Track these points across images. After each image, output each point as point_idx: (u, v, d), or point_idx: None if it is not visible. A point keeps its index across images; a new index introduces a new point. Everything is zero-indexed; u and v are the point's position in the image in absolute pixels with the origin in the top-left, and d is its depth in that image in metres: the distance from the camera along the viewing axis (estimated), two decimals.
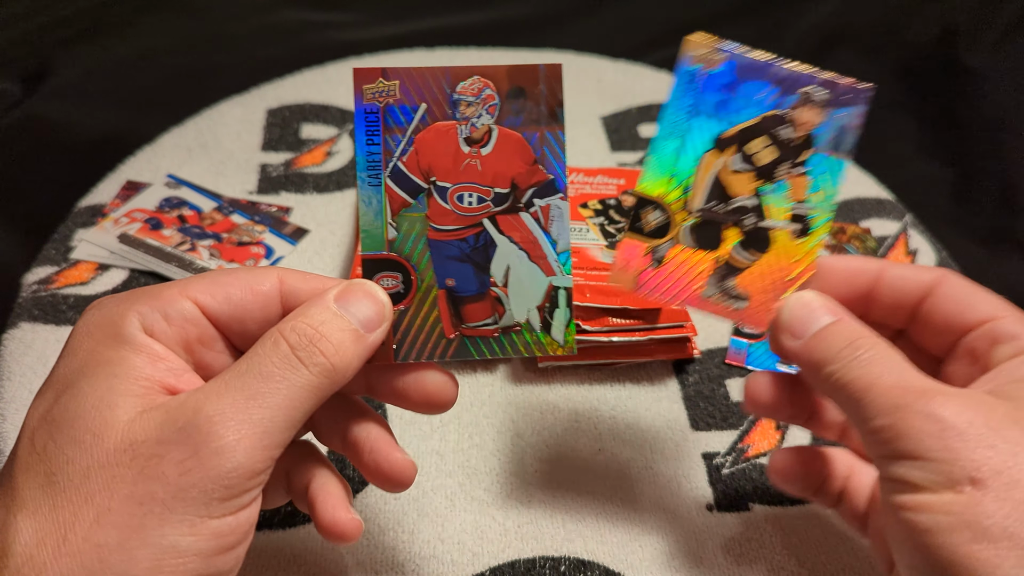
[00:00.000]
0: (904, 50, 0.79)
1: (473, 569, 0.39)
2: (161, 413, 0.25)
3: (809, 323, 0.30)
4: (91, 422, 0.25)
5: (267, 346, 0.27)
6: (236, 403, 0.25)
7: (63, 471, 0.24)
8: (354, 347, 0.28)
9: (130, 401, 0.25)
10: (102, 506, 0.24)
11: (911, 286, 0.32)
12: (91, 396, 0.25)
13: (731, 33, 0.90)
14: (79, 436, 0.25)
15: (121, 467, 0.24)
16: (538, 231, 0.31)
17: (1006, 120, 0.70)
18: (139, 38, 0.75)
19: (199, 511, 0.24)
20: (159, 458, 0.24)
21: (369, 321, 0.28)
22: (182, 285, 0.29)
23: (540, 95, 0.30)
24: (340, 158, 0.62)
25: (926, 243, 0.59)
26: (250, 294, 0.29)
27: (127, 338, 0.27)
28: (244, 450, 0.25)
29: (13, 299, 0.50)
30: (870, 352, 0.28)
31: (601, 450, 0.44)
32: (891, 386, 0.27)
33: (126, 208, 0.55)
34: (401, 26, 0.78)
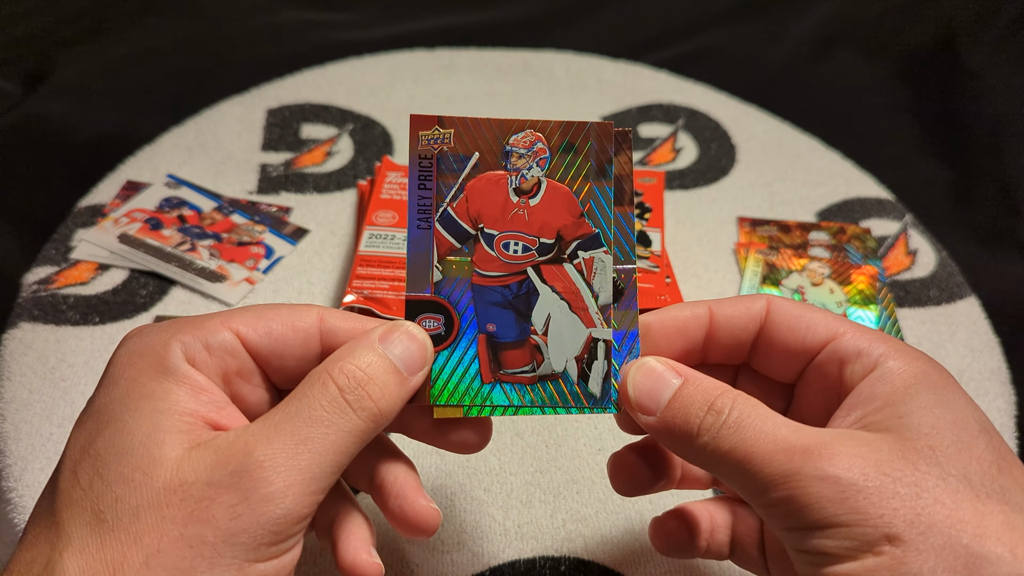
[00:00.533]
0: (904, 50, 0.79)
1: (473, 569, 0.39)
2: (210, 453, 0.25)
3: (658, 393, 0.28)
4: (139, 459, 0.25)
5: (316, 388, 0.27)
6: (286, 448, 0.25)
7: (112, 509, 0.24)
8: (398, 390, 0.28)
9: (177, 437, 0.25)
10: (152, 547, 0.24)
11: (743, 322, 0.30)
12: (137, 432, 0.25)
13: (731, 33, 0.90)
14: (128, 473, 0.24)
15: (171, 508, 0.24)
16: (581, 283, 0.31)
17: (1006, 120, 0.70)
18: (139, 38, 0.75)
19: (247, 555, 0.24)
20: (209, 501, 0.24)
21: (412, 363, 0.28)
22: (224, 316, 0.28)
23: (590, 151, 0.31)
24: (340, 158, 0.62)
25: (926, 243, 0.59)
26: (291, 330, 0.29)
27: (170, 369, 0.27)
28: (293, 496, 0.25)
29: (13, 299, 0.50)
30: (734, 414, 0.26)
31: (601, 450, 0.44)
32: (771, 452, 0.25)
33: (126, 208, 0.55)
34: (401, 26, 0.78)
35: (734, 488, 0.27)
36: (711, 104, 0.70)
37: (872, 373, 0.27)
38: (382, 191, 0.53)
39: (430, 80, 0.70)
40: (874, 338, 0.28)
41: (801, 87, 0.75)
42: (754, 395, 0.27)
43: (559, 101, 0.69)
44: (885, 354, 0.27)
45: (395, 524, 0.30)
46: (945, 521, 0.23)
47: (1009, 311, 0.54)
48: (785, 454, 0.25)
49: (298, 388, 0.27)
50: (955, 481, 0.24)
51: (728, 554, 0.33)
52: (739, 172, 0.63)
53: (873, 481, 0.24)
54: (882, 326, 0.51)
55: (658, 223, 0.51)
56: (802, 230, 0.58)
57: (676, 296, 0.49)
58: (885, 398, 0.26)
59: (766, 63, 0.77)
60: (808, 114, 0.69)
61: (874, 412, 0.26)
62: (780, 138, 0.67)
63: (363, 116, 0.66)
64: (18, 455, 0.42)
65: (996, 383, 0.49)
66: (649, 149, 0.65)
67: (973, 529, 0.23)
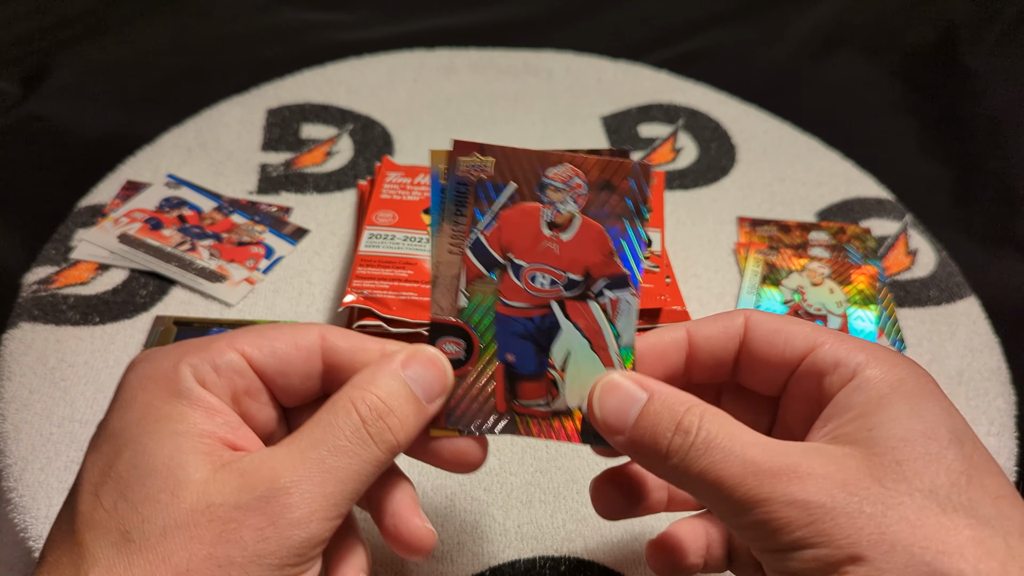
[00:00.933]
0: (904, 50, 0.79)
1: (473, 569, 0.39)
2: (236, 475, 0.26)
3: (625, 411, 0.28)
4: (164, 480, 0.25)
5: (339, 416, 0.27)
6: (312, 476, 0.26)
7: (139, 529, 0.24)
8: (416, 419, 0.28)
9: (199, 459, 0.26)
10: (181, 566, 0.24)
11: (721, 342, 0.31)
12: (159, 453, 0.26)
13: (731, 33, 0.90)
14: (153, 494, 0.25)
15: (200, 528, 0.24)
16: (604, 322, 0.31)
17: (1006, 120, 0.70)
18: (139, 38, 0.75)
19: (272, 575, 0.25)
20: (237, 523, 0.25)
21: (431, 391, 0.29)
22: (229, 338, 0.29)
23: (628, 190, 0.30)
24: (340, 158, 0.62)
25: (926, 243, 0.59)
26: (294, 348, 0.29)
27: (183, 391, 0.27)
28: (317, 522, 0.26)
29: (13, 299, 0.50)
30: (702, 434, 0.26)
31: None
32: (741, 475, 0.25)
33: (126, 208, 0.55)
34: (401, 26, 0.78)
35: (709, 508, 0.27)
36: (711, 104, 0.70)
37: (850, 383, 0.27)
38: (382, 191, 0.53)
39: (430, 80, 0.70)
40: (853, 347, 0.28)
41: (801, 87, 0.75)
42: (739, 410, 0.28)
43: (559, 101, 0.69)
44: (863, 363, 0.28)
45: (390, 542, 0.30)
46: (909, 539, 0.23)
47: (1009, 311, 0.54)
48: (755, 478, 0.25)
49: (321, 414, 0.27)
50: (921, 497, 0.24)
51: (727, 566, 0.33)
52: (739, 172, 0.63)
53: (840, 502, 0.24)
54: (882, 326, 0.51)
55: (658, 223, 0.51)
56: (802, 230, 0.58)
57: (676, 296, 0.49)
58: (859, 409, 0.27)
59: (766, 63, 0.77)
60: (808, 114, 0.69)
61: (846, 423, 0.27)
62: (780, 138, 0.67)
63: (363, 116, 0.66)
64: (18, 455, 0.42)
65: (996, 383, 0.49)
66: (649, 149, 0.65)
67: (937, 546, 0.23)
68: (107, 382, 0.45)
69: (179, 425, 0.26)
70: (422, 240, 0.49)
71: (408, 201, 0.52)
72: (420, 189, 0.53)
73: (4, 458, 0.42)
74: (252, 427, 0.29)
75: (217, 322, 0.49)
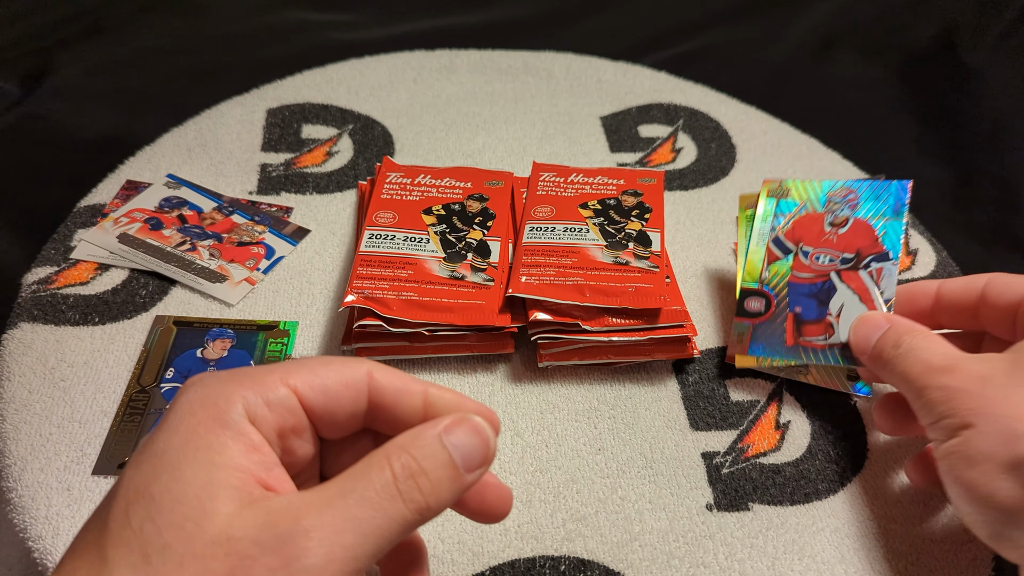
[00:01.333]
0: (904, 50, 0.79)
1: (473, 569, 0.39)
2: (262, 513, 0.26)
3: (868, 335, 0.41)
4: (192, 510, 0.25)
5: (372, 470, 0.27)
6: (334, 523, 0.26)
7: (159, 554, 0.25)
8: (451, 485, 0.28)
9: (230, 492, 0.26)
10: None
11: (961, 294, 0.42)
12: (193, 482, 0.26)
13: (731, 33, 0.90)
14: (179, 522, 0.25)
15: (215, 560, 0.25)
16: (871, 284, 0.45)
17: (1006, 120, 0.70)
18: (139, 38, 0.75)
19: None
20: (252, 560, 0.25)
21: (471, 460, 0.29)
22: (283, 372, 0.29)
23: (890, 199, 0.48)
24: (340, 158, 0.62)
25: (926, 243, 0.59)
26: (343, 387, 0.29)
27: (230, 424, 0.27)
28: (332, 572, 0.25)
29: (13, 299, 0.50)
30: (905, 346, 0.38)
31: (601, 450, 0.44)
32: (919, 372, 0.37)
33: (126, 208, 0.55)
34: (401, 26, 0.78)
35: (907, 399, 0.39)
36: (711, 104, 0.70)
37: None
38: (382, 191, 0.53)
39: (430, 80, 0.70)
40: None
41: (801, 87, 0.75)
42: (993, 351, 0.37)
43: (559, 101, 0.69)
44: None
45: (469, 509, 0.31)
46: (1009, 414, 0.33)
47: None
48: (928, 374, 0.37)
49: (357, 466, 0.28)
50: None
51: None
52: (739, 172, 0.63)
53: (970, 387, 0.35)
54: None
55: (658, 223, 0.51)
56: None
57: (676, 296, 0.49)
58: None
59: (766, 63, 0.77)
60: (808, 114, 0.69)
61: (1022, 343, 0.37)
62: (780, 138, 0.67)
63: (363, 116, 0.66)
64: (18, 455, 0.42)
65: None
66: (649, 149, 0.65)
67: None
68: (107, 382, 0.45)
69: (218, 456, 0.26)
70: (422, 240, 0.49)
71: (408, 201, 0.52)
72: (420, 189, 0.53)
73: (4, 458, 0.42)
74: (291, 461, 0.29)
75: (217, 322, 0.49)
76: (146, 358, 0.46)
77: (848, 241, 0.46)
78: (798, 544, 0.41)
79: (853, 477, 0.44)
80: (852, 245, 0.46)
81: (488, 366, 0.48)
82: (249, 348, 0.47)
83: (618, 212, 0.52)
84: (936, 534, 0.42)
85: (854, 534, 0.41)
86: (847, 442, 0.45)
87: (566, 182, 0.54)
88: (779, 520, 0.42)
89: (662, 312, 0.46)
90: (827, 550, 0.41)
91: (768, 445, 0.45)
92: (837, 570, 0.40)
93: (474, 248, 0.49)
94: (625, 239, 0.50)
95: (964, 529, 0.42)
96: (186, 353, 0.47)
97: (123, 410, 0.44)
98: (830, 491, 0.43)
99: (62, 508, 0.40)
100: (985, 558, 0.41)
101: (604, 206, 0.52)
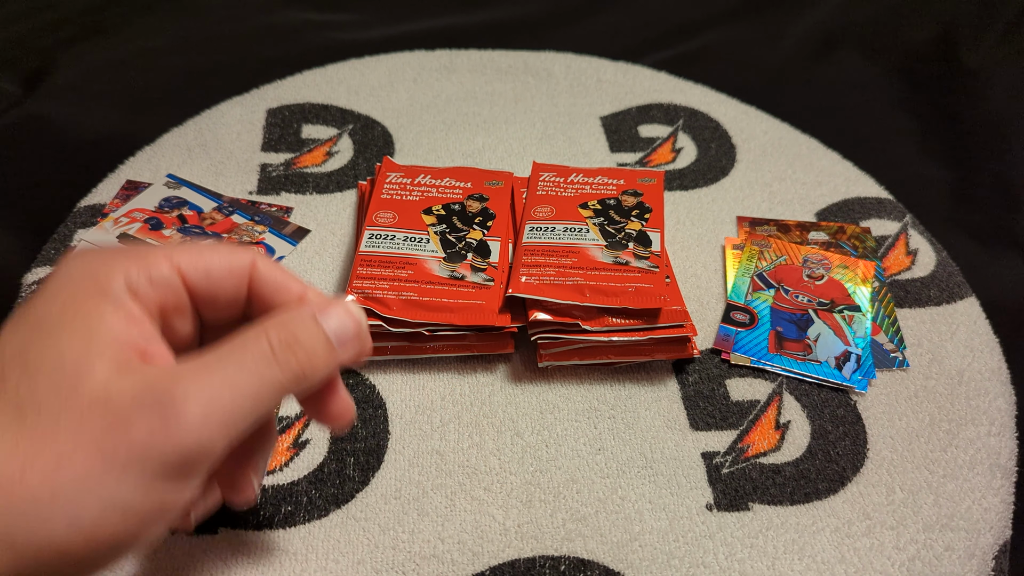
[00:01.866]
0: (904, 50, 0.79)
1: (473, 569, 0.39)
2: (140, 379, 0.26)
3: None
4: (69, 375, 0.26)
5: (249, 340, 0.28)
6: (211, 386, 0.26)
7: (36, 413, 0.25)
8: (325, 358, 0.30)
9: (108, 359, 0.26)
10: (65, 450, 0.24)
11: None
12: (71, 349, 0.26)
13: (731, 33, 0.90)
14: (56, 385, 0.25)
15: (92, 419, 0.25)
16: (844, 324, 0.51)
17: (1006, 120, 0.70)
18: (139, 38, 0.75)
19: (154, 477, 0.25)
20: (129, 420, 0.25)
21: (344, 335, 0.30)
22: (167, 252, 0.30)
23: (860, 270, 0.54)
24: (340, 158, 0.62)
25: (926, 243, 0.59)
26: (227, 272, 0.30)
27: (110, 295, 0.28)
28: (208, 431, 0.26)
29: (13, 299, 0.50)
30: None
31: (601, 450, 0.44)
32: None
33: (126, 208, 0.55)
34: (401, 26, 0.78)
35: None
36: (711, 104, 0.70)
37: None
38: (382, 191, 0.53)
39: (430, 80, 0.70)
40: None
41: (801, 87, 0.75)
42: None
43: (559, 101, 0.69)
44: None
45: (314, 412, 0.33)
46: None
47: (1009, 311, 0.54)
48: None
49: (234, 338, 0.28)
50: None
51: None
52: (739, 172, 0.63)
53: None
54: (880, 324, 0.51)
55: (658, 223, 0.51)
56: (801, 230, 0.58)
57: (676, 296, 0.49)
58: None
59: (766, 63, 0.77)
60: (808, 114, 0.69)
61: None
62: (780, 138, 0.67)
63: (363, 116, 0.66)
64: None
65: (996, 383, 0.49)
66: (649, 149, 0.65)
67: None
68: None
69: (97, 325, 0.27)
70: (422, 240, 0.49)
71: (408, 201, 0.52)
72: (420, 189, 0.53)
73: None
74: (170, 340, 0.30)
75: None
76: None
77: (823, 291, 0.53)
78: (798, 544, 0.41)
79: (853, 477, 0.44)
80: (827, 294, 0.52)
81: (488, 366, 0.48)
82: None
83: (618, 212, 0.52)
84: (936, 534, 0.42)
85: (854, 534, 0.41)
86: (847, 442, 0.45)
87: (566, 182, 0.54)
88: (779, 520, 0.42)
89: (662, 312, 0.46)
90: (827, 550, 0.41)
91: (768, 445, 0.45)
92: (837, 570, 0.40)
93: (474, 248, 0.49)
94: (625, 239, 0.50)
95: (964, 530, 0.42)
96: None
97: None
98: (830, 491, 0.43)
99: None
100: (985, 557, 0.41)
101: (604, 206, 0.52)
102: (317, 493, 0.42)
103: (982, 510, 0.43)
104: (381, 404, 0.46)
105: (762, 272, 0.53)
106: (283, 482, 0.42)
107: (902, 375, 0.49)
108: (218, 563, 0.38)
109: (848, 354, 0.49)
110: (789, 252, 0.55)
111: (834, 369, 0.48)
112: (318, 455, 0.43)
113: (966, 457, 0.45)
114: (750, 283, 0.53)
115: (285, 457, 0.43)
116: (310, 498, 0.41)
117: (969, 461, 0.45)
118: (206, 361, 0.27)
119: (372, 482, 0.42)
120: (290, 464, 0.43)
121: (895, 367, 0.49)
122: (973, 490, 0.43)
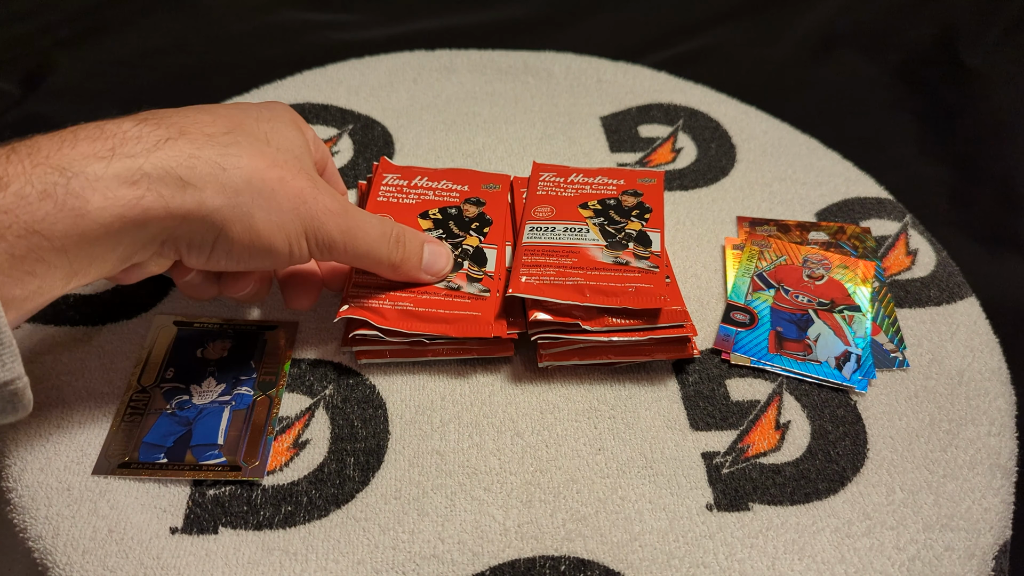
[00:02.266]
0: (904, 50, 0.79)
1: (473, 569, 0.39)
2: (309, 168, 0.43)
3: None
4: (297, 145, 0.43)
5: (387, 223, 0.44)
6: (355, 224, 0.41)
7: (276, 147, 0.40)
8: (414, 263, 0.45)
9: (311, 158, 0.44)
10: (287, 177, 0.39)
11: None
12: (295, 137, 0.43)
13: (731, 33, 0.90)
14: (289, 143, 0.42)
15: (308, 175, 0.40)
16: (844, 325, 0.51)
17: (1006, 120, 0.70)
18: (139, 38, 0.75)
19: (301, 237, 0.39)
20: (319, 194, 0.40)
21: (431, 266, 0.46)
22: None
23: (860, 270, 0.54)
24: (340, 158, 0.62)
25: (926, 243, 0.59)
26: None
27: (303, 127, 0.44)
28: (340, 241, 0.41)
29: None
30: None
31: (601, 450, 0.44)
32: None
33: None
34: (401, 26, 0.78)
35: None
36: (711, 104, 0.70)
37: None
38: (378, 193, 0.53)
39: (430, 80, 0.70)
40: None
41: (801, 87, 0.75)
42: None
43: (559, 101, 0.69)
44: None
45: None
46: None
47: (1009, 311, 0.54)
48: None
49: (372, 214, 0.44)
50: None
51: None
52: (739, 172, 0.63)
53: None
54: (880, 324, 0.51)
55: (658, 223, 0.51)
56: (801, 230, 0.58)
57: (676, 296, 0.49)
58: None
59: (766, 63, 0.77)
60: (808, 114, 0.69)
61: None
62: (780, 138, 0.67)
63: (363, 116, 0.66)
64: (18, 455, 0.42)
65: (996, 383, 0.49)
66: (649, 149, 0.65)
67: None
68: (107, 382, 0.45)
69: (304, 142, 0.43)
70: None
71: (405, 204, 0.52)
72: (416, 192, 0.53)
73: (4, 458, 0.42)
74: None
75: (218, 322, 0.49)
76: (146, 358, 0.46)
77: (823, 291, 0.53)
78: (798, 544, 0.41)
79: (853, 477, 0.44)
80: (827, 294, 0.53)
81: (489, 366, 0.48)
82: (249, 349, 0.47)
83: (618, 212, 0.52)
84: (936, 534, 0.42)
85: (854, 534, 0.41)
86: (847, 442, 0.45)
87: (566, 182, 0.54)
88: (779, 520, 0.42)
89: (662, 312, 0.46)
90: (827, 550, 0.41)
91: (768, 445, 0.45)
92: (837, 570, 0.40)
93: (470, 256, 0.49)
94: (625, 239, 0.50)
95: (964, 530, 0.42)
96: (186, 353, 0.47)
97: (123, 410, 0.44)
98: (830, 491, 0.43)
99: (62, 508, 0.40)
100: (985, 557, 0.41)
101: (604, 206, 0.52)
102: (317, 493, 0.42)
103: (982, 510, 0.43)
104: (381, 404, 0.46)
105: (762, 272, 0.54)
106: (283, 482, 0.42)
107: (902, 375, 0.49)
108: (218, 563, 0.38)
109: (848, 354, 0.49)
110: (789, 252, 0.55)
111: (834, 369, 0.48)
112: (318, 455, 0.43)
113: (966, 457, 0.45)
114: (750, 283, 0.53)
115: (285, 457, 0.43)
116: (310, 498, 0.41)
117: (969, 461, 0.45)
118: (360, 210, 0.42)
119: (372, 482, 0.42)
120: (290, 464, 0.43)
121: (895, 367, 0.49)
122: (973, 490, 0.43)
